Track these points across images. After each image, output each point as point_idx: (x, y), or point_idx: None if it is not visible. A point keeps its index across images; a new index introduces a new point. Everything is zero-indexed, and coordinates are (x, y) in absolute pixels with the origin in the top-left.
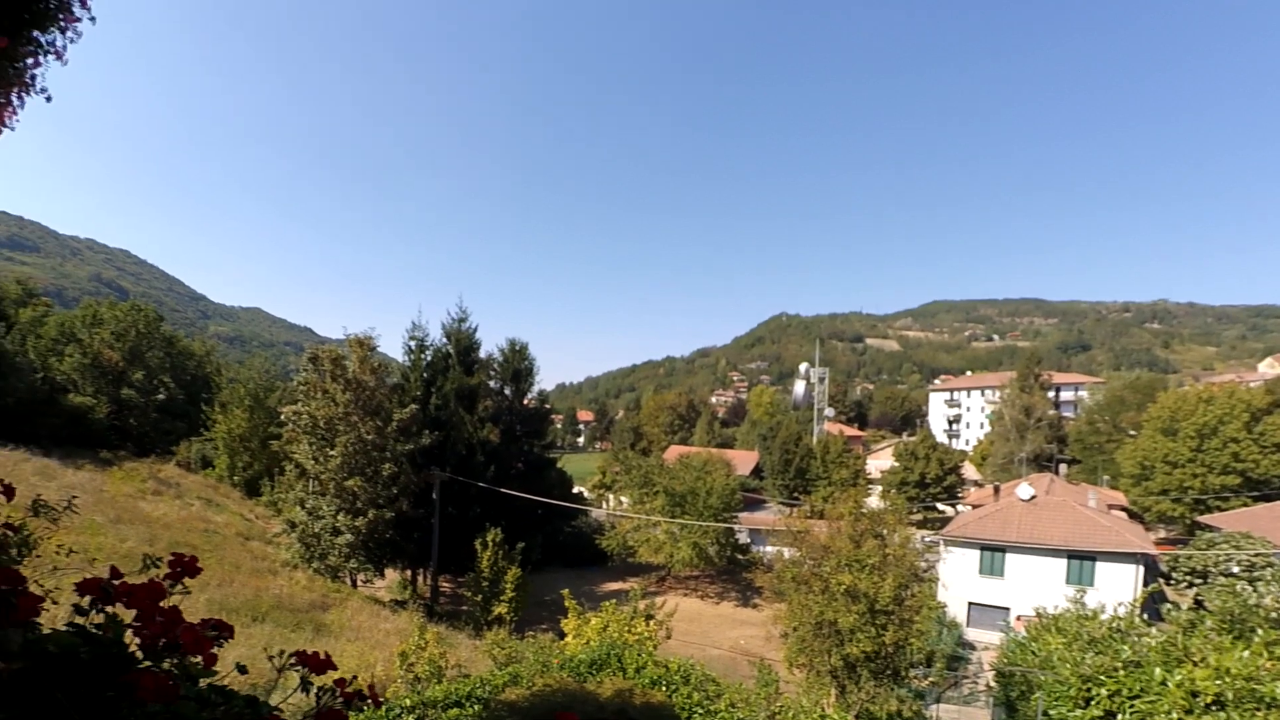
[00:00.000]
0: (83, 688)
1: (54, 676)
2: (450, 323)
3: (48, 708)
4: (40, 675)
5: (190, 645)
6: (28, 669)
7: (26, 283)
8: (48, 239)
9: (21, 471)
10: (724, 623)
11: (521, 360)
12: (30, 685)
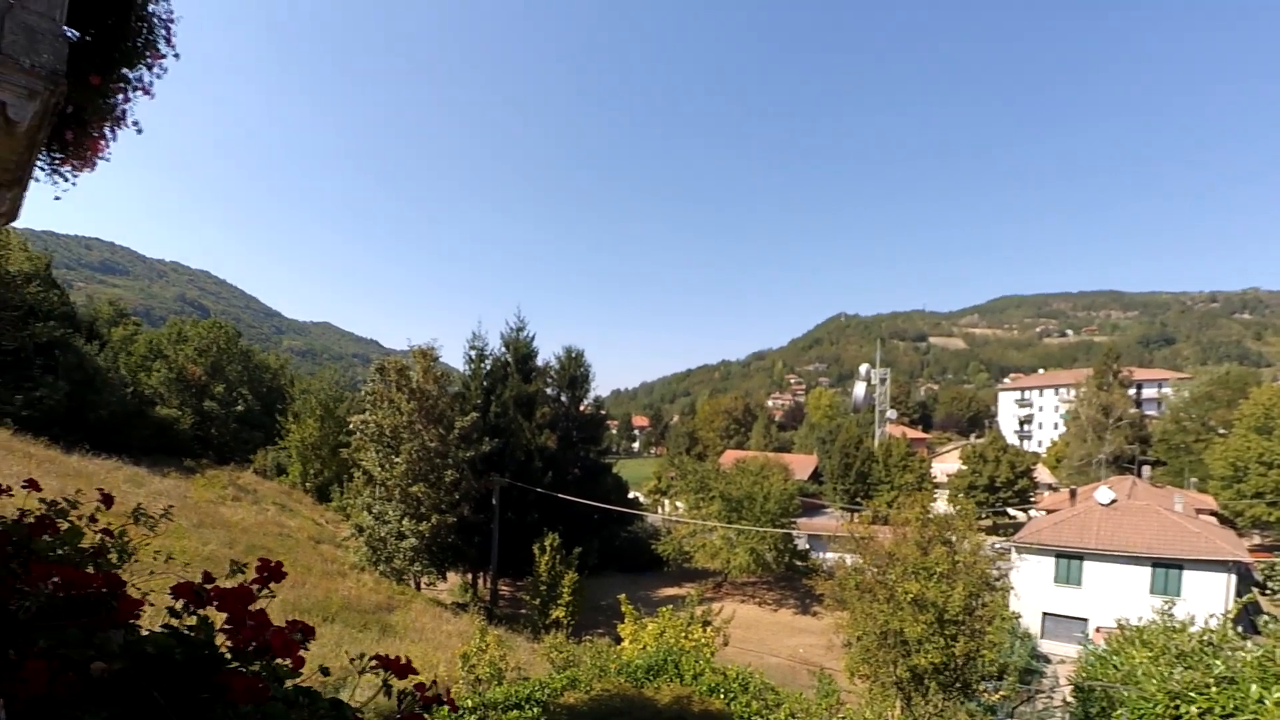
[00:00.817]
0: (177, 687)
1: (151, 676)
2: (509, 332)
3: (145, 706)
4: (138, 675)
5: (280, 648)
6: (127, 669)
7: (118, 304)
8: (136, 263)
9: (114, 479)
10: (782, 630)
11: (578, 367)
12: (129, 685)
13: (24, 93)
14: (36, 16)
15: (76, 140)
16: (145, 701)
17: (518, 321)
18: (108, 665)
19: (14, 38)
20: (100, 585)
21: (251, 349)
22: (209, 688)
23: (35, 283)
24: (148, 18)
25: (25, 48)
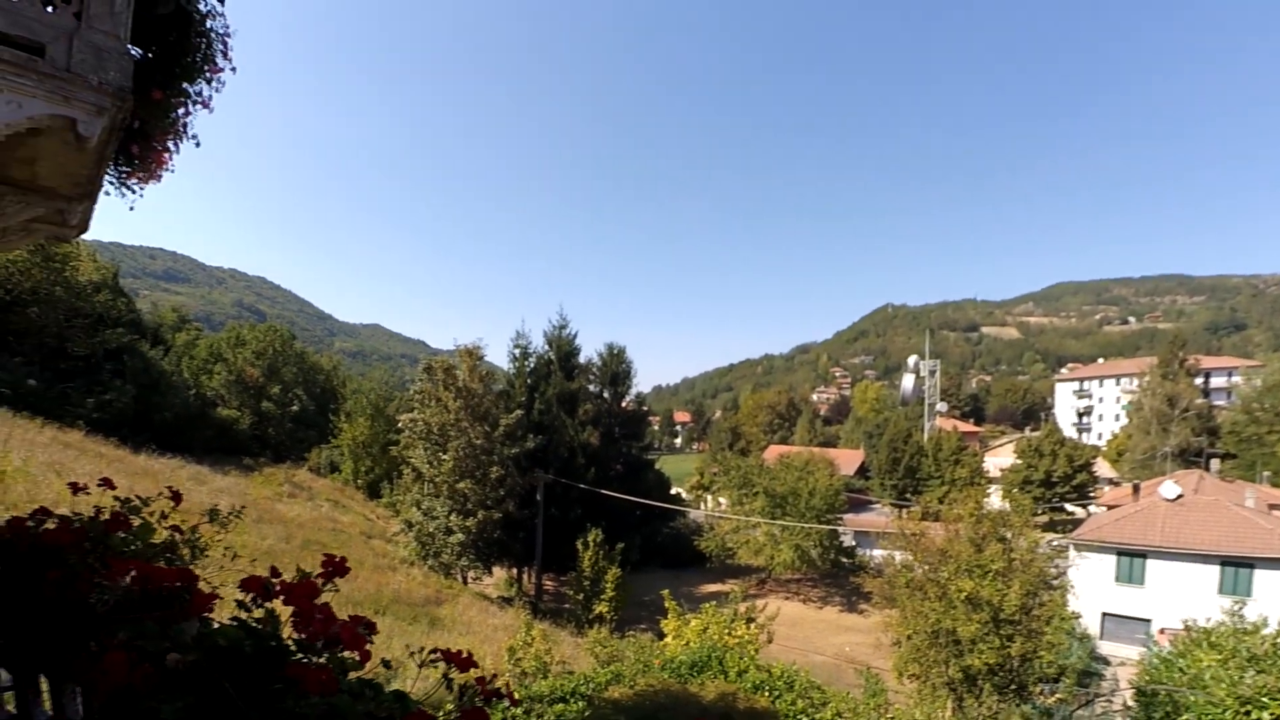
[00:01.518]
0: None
1: (222, 667)
2: (551, 330)
3: (218, 696)
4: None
5: (348, 641)
6: (200, 660)
7: (180, 310)
8: (197, 270)
9: (178, 477)
10: (827, 628)
11: (619, 364)
12: (202, 675)
13: (93, 109)
14: (103, 35)
15: (142, 154)
16: (217, 692)
17: (560, 320)
18: (182, 657)
19: (82, 56)
20: (174, 580)
21: (306, 351)
22: (281, 680)
23: (104, 292)
24: (206, 33)
25: (93, 66)
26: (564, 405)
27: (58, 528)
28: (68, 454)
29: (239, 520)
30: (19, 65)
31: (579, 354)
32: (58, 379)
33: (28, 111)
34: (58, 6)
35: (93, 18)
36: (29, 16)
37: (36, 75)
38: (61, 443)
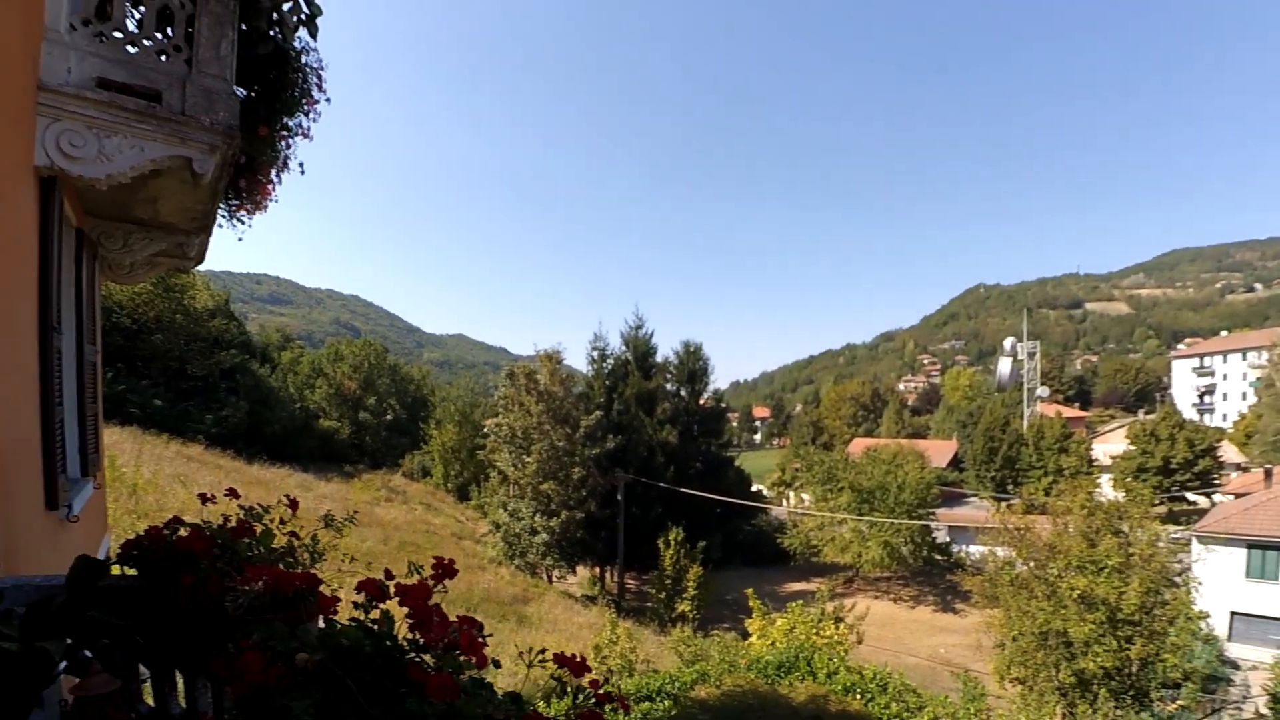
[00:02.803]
0: (368, 677)
1: (345, 667)
2: (628, 331)
3: (341, 695)
4: (335, 665)
5: (466, 645)
6: (324, 660)
7: (284, 330)
8: (298, 292)
9: (287, 485)
10: (920, 629)
11: (696, 361)
12: (327, 674)
13: (206, 148)
14: (211, 78)
15: (249, 187)
16: (342, 690)
17: (636, 320)
18: (310, 657)
19: (195, 99)
20: (300, 584)
21: (397, 363)
22: (406, 683)
23: (218, 317)
24: (302, 69)
25: (204, 108)
26: (642, 405)
27: (190, 535)
28: (190, 466)
29: (351, 525)
30: (140, 112)
31: (656, 353)
32: (180, 398)
33: (149, 154)
34: (170, 55)
35: (202, 63)
36: (147, 66)
37: (155, 120)
38: (185, 456)
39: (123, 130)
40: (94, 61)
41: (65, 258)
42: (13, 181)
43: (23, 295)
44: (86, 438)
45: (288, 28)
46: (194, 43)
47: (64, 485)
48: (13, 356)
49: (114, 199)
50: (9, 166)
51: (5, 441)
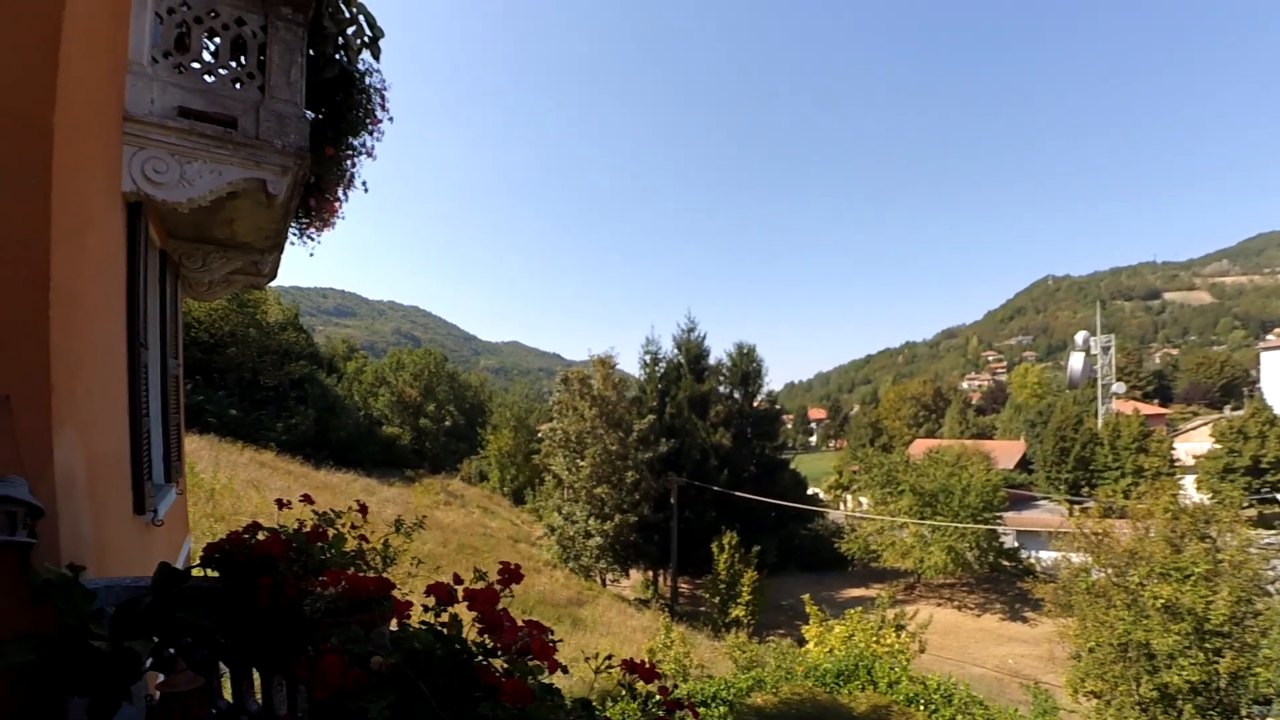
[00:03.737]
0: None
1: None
2: (680, 334)
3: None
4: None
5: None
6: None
7: (349, 341)
8: (361, 304)
9: (352, 489)
10: (986, 638)
11: (750, 363)
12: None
13: (278, 170)
14: (283, 103)
15: (318, 205)
16: (414, 693)
17: (688, 323)
18: (384, 659)
19: (268, 124)
20: (375, 588)
21: (455, 371)
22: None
23: (288, 330)
24: (366, 90)
25: (277, 131)
26: (695, 408)
27: (268, 539)
28: (262, 471)
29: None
30: (217, 138)
31: (708, 356)
32: (253, 407)
33: (227, 178)
34: (245, 83)
35: (273, 89)
36: (223, 94)
37: (232, 145)
38: (257, 462)
39: (202, 156)
40: (175, 91)
41: (150, 278)
42: (104, 207)
43: (113, 314)
44: (170, 446)
45: (352, 51)
46: (266, 70)
47: (150, 491)
48: (105, 372)
49: (194, 221)
50: (100, 194)
51: (98, 451)
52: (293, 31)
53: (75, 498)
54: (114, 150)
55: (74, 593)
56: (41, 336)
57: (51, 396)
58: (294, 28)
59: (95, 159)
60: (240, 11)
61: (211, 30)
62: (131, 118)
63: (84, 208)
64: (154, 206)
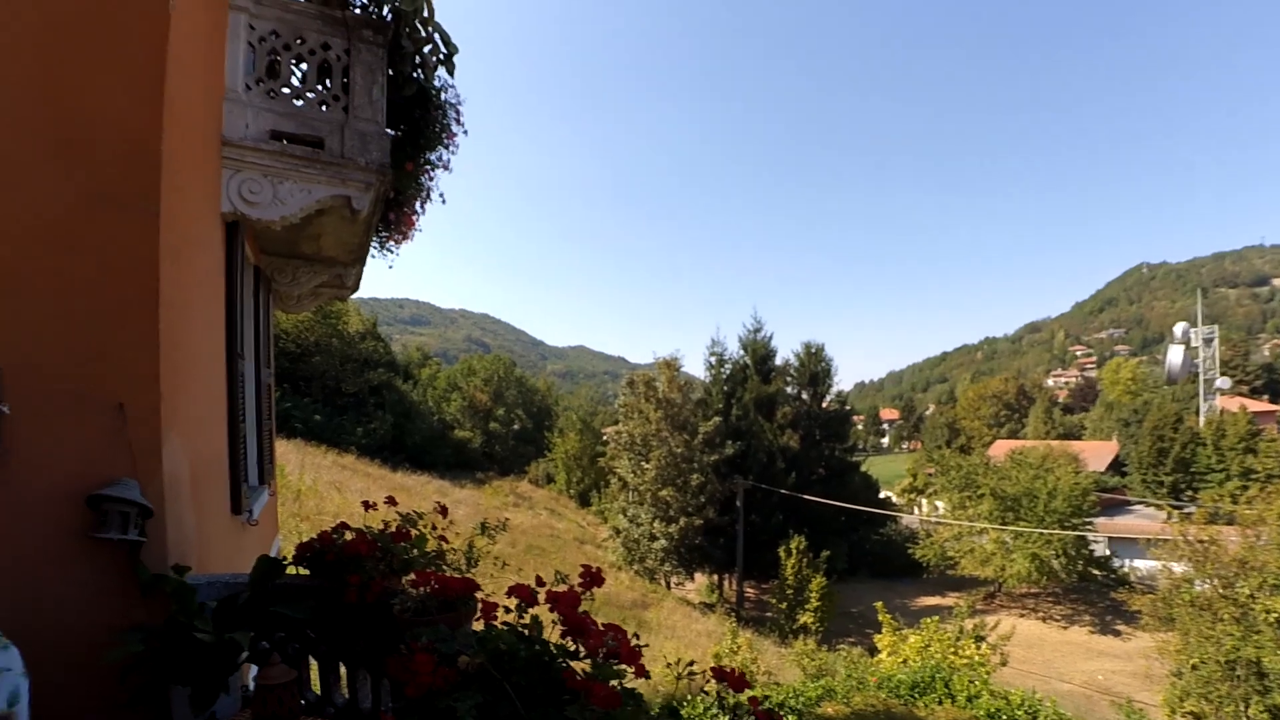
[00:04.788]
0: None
1: (502, 669)
2: (746, 335)
3: (499, 698)
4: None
5: (626, 655)
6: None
7: (423, 349)
8: (434, 313)
9: (426, 491)
10: (1074, 652)
11: (818, 362)
12: (485, 677)
13: (362, 186)
14: (366, 122)
15: (397, 219)
16: (499, 692)
17: (754, 323)
18: (471, 659)
19: (352, 143)
20: (461, 588)
21: (523, 376)
22: (562, 689)
23: (368, 339)
24: (442, 105)
25: (360, 149)
26: (761, 409)
27: (355, 539)
28: (344, 474)
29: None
30: (306, 158)
31: (775, 356)
32: (335, 413)
33: (315, 196)
34: (330, 105)
35: (357, 109)
36: (311, 116)
37: (319, 164)
38: (339, 465)
39: (292, 176)
40: (267, 116)
41: (246, 292)
42: (206, 227)
43: (214, 327)
44: (263, 450)
45: (428, 68)
46: (350, 91)
47: (246, 492)
48: (207, 381)
49: (285, 238)
50: (202, 215)
51: (200, 455)
52: (374, 53)
53: (180, 499)
54: (214, 174)
55: (182, 588)
56: (152, 349)
57: (161, 404)
58: (375, 49)
59: (197, 182)
60: (325, 37)
61: (299, 56)
62: (229, 142)
63: (188, 228)
64: (249, 225)
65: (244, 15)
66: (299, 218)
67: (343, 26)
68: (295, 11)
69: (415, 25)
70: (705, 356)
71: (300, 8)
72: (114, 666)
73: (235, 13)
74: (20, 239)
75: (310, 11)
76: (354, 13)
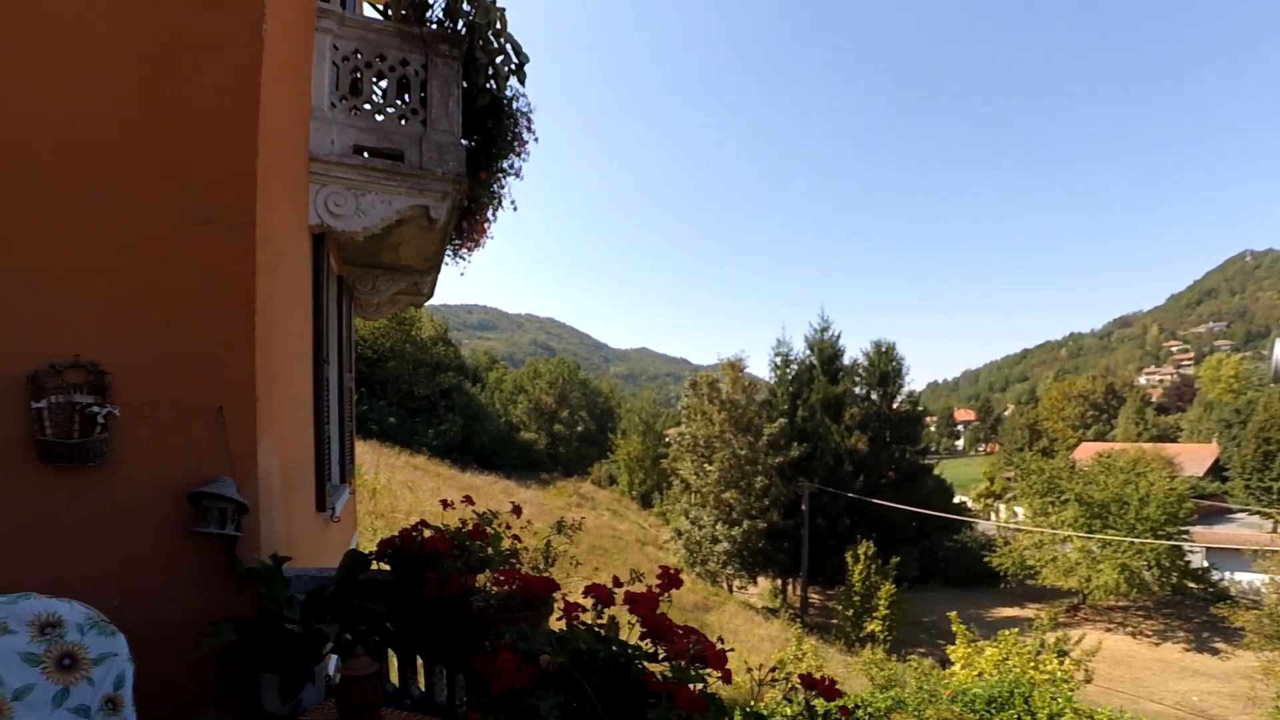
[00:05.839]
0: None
1: (582, 671)
2: (812, 334)
3: (580, 698)
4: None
5: (713, 660)
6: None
7: (490, 353)
8: (501, 318)
9: (493, 491)
10: (1166, 670)
11: (888, 362)
12: (566, 676)
13: (439, 196)
14: (443, 134)
15: (470, 227)
16: (579, 692)
17: (821, 322)
18: (553, 658)
19: (430, 154)
20: (542, 587)
21: (587, 378)
22: (643, 691)
23: (438, 344)
24: (514, 114)
25: (438, 160)
26: (828, 410)
27: (435, 537)
28: (415, 474)
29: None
30: (387, 171)
31: (843, 355)
32: (408, 415)
33: (395, 207)
34: (409, 118)
35: (434, 121)
36: (391, 130)
37: (399, 176)
38: (411, 465)
39: (374, 188)
40: (350, 131)
41: (330, 301)
42: (296, 240)
43: (301, 334)
44: (344, 450)
45: (501, 79)
46: (427, 104)
47: (329, 490)
48: (295, 385)
49: (366, 248)
50: (292, 228)
51: (289, 455)
52: (450, 66)
53: (272, 496)
54: (302, 189)
55: (275, 581)
56: (248, 355)
57: (256, 408)
58: (451, 62)
59: (288, 198)
60: (404, 53)
61: (380, 73)
62: (315, 158)
63: (279, 241)
64: (334, 236)
65: (329, 36)
66: (380, 228)
67: (420, 42)
68: (376, 30)
69: (488, 37)
70: (770, 357)
71: (380, 26)
72: (209, 654)
73: (321, 34)
74: (130, 254)
75: (389, 29)
76: (431, 28)
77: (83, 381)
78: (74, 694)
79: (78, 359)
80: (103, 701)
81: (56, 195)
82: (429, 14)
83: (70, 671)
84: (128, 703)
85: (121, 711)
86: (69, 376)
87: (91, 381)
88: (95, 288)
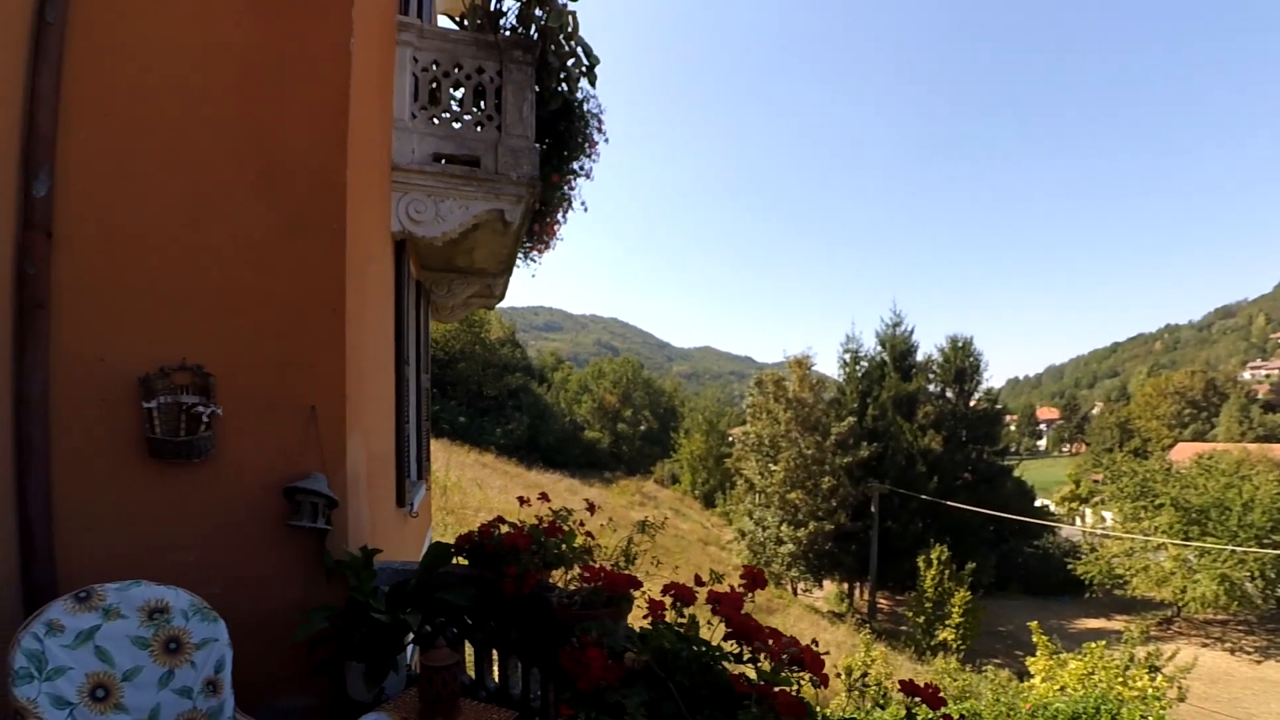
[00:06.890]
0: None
1: (666, 669)
2: (884, 329)
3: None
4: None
5: (810, 663)
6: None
7: (556, 354)
8: (566, 320)
9: (559, 489)
10: (1269, 690)
11: (965, 358)
12: (649, 675)
13: (514, 200)
14: (517, 139)
15: (541, 229)
16: (663, 691)
17: (894, 316)
18: (638, 656)
19: (505, 159)
20: (625, 584)
21: (650, 377)
22: (737, 696)
23: (506, 346)
24: (585, 116)
25: (512, 165)
26: (900, 409)
27: (513, 533)
28: (484, 471)
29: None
30: (464, 177)
31: (916, 351)
32: (477, 415)
33: (472, 211)
34: (485, 125)
35: (509, 126)
36: (468, 137)
37: (476, 182)
38: (480, 463)
39: (452, 195)
40: (430, 140)
41: (410, 304)
42: (380, 247)
43: (385, 336)
44: (421, 448)
45: (572, 81)
46: (502, 110)
47: (408, 487)
48: (379, 385)
49: (443, 252)
50: (377, 235)
51: (374, 452)
52: (523, 72)
53: (359, 492)
54: (385, 196)
55: (364, 573)
56: (339, 356)
57: (345, 406)
58: (524, 68)
59: (373, 206)
60: (480, 61)
61: (457, 82)
62: (397, 167)
63: (366, 247)
64: (413, 242)
65: (409, 49)
66: (458, 233)
67: (495, 50)
68: (453, 40)
69: (560, 41)
70: (839, 354)
71: (457, 36)
72: (301, 641)
73: (401, 47)
74: (228, 261)
75: (465, 39)
76: (505, 35)
77: (189, 383)
78: (178, 676)
79: (184, 362)
80: (204, 684)
81: (164, 206)
82: (503, 21)
83: (175, 655)
84: (226, 685)
85: (221, 694)
86: (176, 378)
87: (197, 383)
88: (199, 293)
